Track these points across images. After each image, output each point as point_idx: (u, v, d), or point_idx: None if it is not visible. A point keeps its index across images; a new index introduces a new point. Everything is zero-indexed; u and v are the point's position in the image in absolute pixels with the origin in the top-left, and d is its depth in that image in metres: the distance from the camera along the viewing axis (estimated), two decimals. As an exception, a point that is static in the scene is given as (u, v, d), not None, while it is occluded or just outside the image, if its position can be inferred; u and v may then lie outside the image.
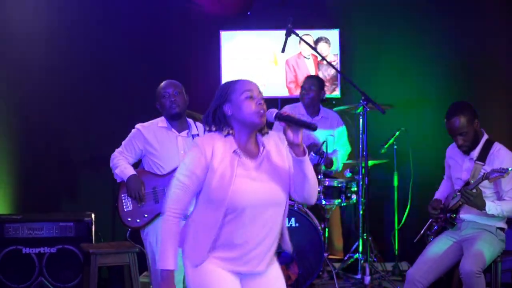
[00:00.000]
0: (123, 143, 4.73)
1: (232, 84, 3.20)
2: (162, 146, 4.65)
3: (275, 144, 3.26)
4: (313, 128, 3.07)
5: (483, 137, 4.71)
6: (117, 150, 4.73)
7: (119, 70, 6.54)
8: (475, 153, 4.68)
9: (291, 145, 3.10)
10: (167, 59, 6.64)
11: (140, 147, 4.68)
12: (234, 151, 3.13)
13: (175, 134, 4.68)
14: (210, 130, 3.19)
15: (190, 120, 4.78)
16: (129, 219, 4.63)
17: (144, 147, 4.68)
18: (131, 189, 4.60)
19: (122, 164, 4.66)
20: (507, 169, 4.33)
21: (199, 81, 6.48)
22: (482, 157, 4.64)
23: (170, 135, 4.68)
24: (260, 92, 3.20)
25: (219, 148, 3.12)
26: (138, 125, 4.73)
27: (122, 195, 4.67)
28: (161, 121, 4.71)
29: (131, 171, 4.64)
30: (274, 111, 3.14)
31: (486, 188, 4.58)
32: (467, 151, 4.70)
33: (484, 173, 4.46)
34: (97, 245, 5.06)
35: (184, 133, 4.70)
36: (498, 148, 4.65)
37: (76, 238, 5.34)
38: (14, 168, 6.22)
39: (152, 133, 4.66)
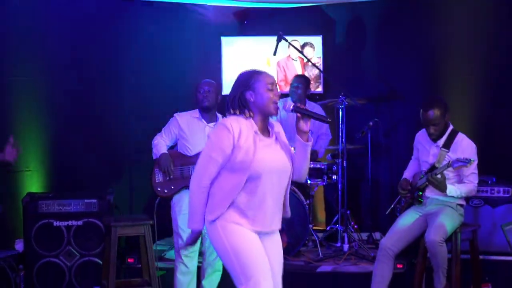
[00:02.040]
0: (163, 128, 4.84)
1: (256, 74, 3.20)
2: (192, 132, 4.74)
3: (279, 130, 3.29)
4: (327, 121, 3.19)
5: (449, 128, 4.63)
6: (158, 134, 4.84)
7: (134, 71, 6.40)
8: (442, 141, 4.61)
9: (301, 132, 3.17)
10: (176, 61, 6.51)
11: (175, 132, 4.79)
12: (255, 131, 3.14)
13: (204, 124, 4.76)
14: (234, 113, 3.18)
15: (220, 115, 4.85)
16: (159, 189, 4.75)
17: (178, 132, 4.78)
18: (161, 164, 4.70)
19: (159, 144, 4.77)
20: (470, 159, 4.27)
21: (203, 80, 6.36)
22: (447, 144, 4.58)
23: (200, 125, 4.76)
24: (277, 86, 3.23)
25: (244, 129, 3.12)
26: (176, 114, 4.84)
27: (155, 169, 4.77)
28: (195, 113, 4.80)
29: (163, 150, 4.75)
30: (291, 104, 3.20)
31: (450, 172, 4.51)
32: (435, 139, 4.63)
33: (449, 161, 4.39)
34: (116, 218, 4.95)
35: (212, 124, 4.75)
36: (461, 138, 4.59)
37: (99, 212, 5.27)
38: (47, 153, 6.08)
39: (186, 121, 4.76)
